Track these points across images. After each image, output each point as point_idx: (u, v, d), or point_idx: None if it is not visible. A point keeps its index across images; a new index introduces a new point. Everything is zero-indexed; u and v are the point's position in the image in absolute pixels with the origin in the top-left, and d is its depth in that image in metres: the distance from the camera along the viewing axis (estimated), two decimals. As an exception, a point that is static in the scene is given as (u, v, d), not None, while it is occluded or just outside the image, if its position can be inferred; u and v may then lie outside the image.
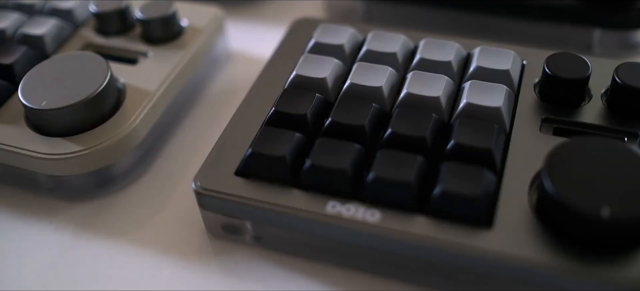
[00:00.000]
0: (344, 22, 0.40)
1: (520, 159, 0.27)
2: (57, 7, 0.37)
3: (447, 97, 0.30)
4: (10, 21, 0.36)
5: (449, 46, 0.32)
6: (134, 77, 0.33)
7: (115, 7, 0.35)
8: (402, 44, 0.32)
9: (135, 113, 0.31)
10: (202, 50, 0.35)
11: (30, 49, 0.34)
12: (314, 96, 0.30)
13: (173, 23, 0.35)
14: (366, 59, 0.32)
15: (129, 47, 0.35)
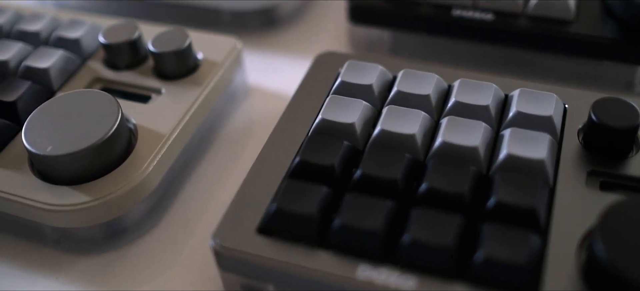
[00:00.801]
0: (369, 53, 0.38)
1: (565, 218, 0.26)
2: (63, 36, 0.35)
3: (485, 146, 0.28)
4: (14, 52, 0.34)
5: (486, 88, 0.30)
6: (147, 117, 0.31)
7: (126, 39, 0.34)
8: (436, 85, 0.31)
9: (148, 159, 0.29)
10: (219, 86, 0.34)
11: (35, 83, 0.33)
12: (342, 144, 0.28)
13: (188, 57, 0.33)
14: (397, 101, 0.30)
15: (141, 82, 0.33)
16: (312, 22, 0.43)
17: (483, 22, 0.36)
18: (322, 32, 0.42)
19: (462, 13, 0.37)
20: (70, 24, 0.36)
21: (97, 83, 0.34)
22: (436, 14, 0.37)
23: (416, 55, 0.39)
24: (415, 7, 0.37)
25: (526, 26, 0.36)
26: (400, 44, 0.39)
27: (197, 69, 0.34)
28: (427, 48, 0.39)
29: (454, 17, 0.37)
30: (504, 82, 0.32)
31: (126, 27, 0.34)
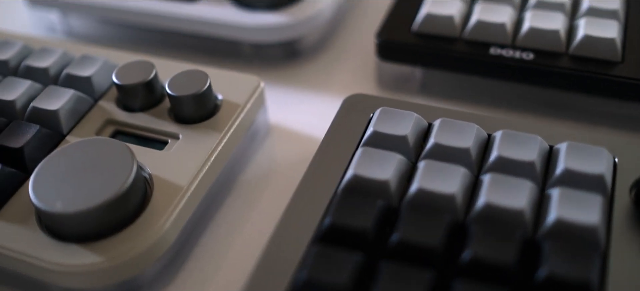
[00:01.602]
0: (399, 95, 0.36)
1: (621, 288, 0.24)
2: (74, 74, 0.33)
3: (531, 207, 0.26)
4: (22, 91, 0.33)
5: (530, 141, 0.28)
6: (163, 166, 0.30)
7: (141, 80, 0.32)
8: (476, 137, 0.29)
9: (164, 215, 0.28)
10: (240, 130, 0.32)
11: (43, 127, 0.31)
12: (376, 204, 0.26)
13: (207, 100, 0.32)
14: (434, 154, 0.29)
15: (157, 125, 0.32)
16: (336, 55, 0.41)
17: (523, 61, 0.34)
18: (347, 66, 0.40)
19: (501, 52, 0.35)
20: (82, 61, 0.34)
21: (109, 126, 0.32)
22: (472, 52, 0.35)
23: (448, 93, 0.37)
24: (449, 44, 0.36)
25: (569, 66, 0.34)
26: (431, 81, 0.37)
27: (217, 111, 0.32)
28: (461, 86, 0.37)
29: (492, 56, 0.35)
30: (547, 130, 0.30)
31: (141, 66, 0.33)
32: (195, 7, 0.40)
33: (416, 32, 0.37)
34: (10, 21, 0.46)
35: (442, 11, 0.36)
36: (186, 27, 0.40)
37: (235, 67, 0.40)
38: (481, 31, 0.35)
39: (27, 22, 0.46)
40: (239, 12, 0.39)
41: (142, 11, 0.40)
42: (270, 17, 0.38)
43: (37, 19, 0.44)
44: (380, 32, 0.37)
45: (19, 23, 0.46)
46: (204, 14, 0.39)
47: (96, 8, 0.41)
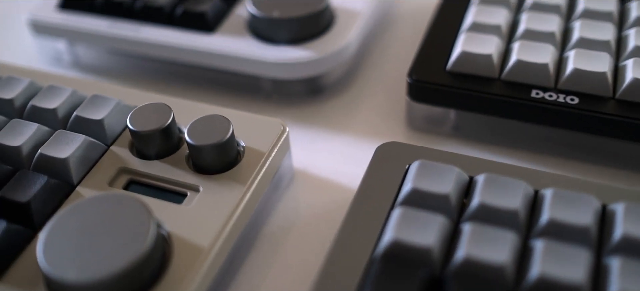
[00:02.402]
0: (429, 132, 0.34)
1: None
2: (85, 117, 0.31)
3: (588, 279, 0.24)
4: (28, 136, 0.30)
5: (584, 202, 0.26)
6: (183, 223, 0.28)
7: (157, 126, 0.30)
8: (523, 196, 0.27)
9: (185, 280, 0.25)
10: (264, 181, 0.30)
11: (52, 178, 0.29)
12: (418, 274, 0.24)
13: (230, 149, 0.29)
14: (480, 216, 0.27)
15: (175, 176, 0.30)
16: (361, 92, 0.39)
17: (567, 106, 0.32)
18: (373, 104, 0.38)
19: (543, 95, 0.33)
20: (93, 102, 0.32)
21: (123, 175, 0.30)
22: (512, 94, 0.33)
23: (484, 137, 0.35)
24: (486, 86, 0.34)
25: (616, 112, 0.32)
26: (466, 122, 0.35)
27: (239, 159, 0.30)
28: (497, 128, 0.35)
29: (533, 100, 0.33)
30: (601, 189, 0.28)
31: (157, 110, 0.31)
32: (212, 39, 0.38)
33: (450, 71, 0.34)
34: (16, 49, 0.44)
35: (479, 49, 0.34)
36: (202, 61, 0.38)
37: (254, 103, 0.38)
38: (521, 72, 0.33)
39: (33, 50, 0.44)
40: (259, 46, 0.37)
41: (156, 43, 0.38)
42: (292, 52, 0.36)
43: (43, 46, 0.42)
44: (413, 71, 0.35)
45: (24, 51, 0.44)
46: (221, 47, 0.37)
47: (106, 38, 0.39)
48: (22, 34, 0.45)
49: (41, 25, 0.41)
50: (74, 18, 0.40)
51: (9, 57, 0.43)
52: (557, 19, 0.36)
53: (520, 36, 0.35)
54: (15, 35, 0.45)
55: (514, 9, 0.38)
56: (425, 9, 0.44)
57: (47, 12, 0.41)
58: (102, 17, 0.40)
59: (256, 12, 0.37)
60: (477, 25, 0.36)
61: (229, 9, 0.40)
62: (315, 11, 0.36)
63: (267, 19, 0.36)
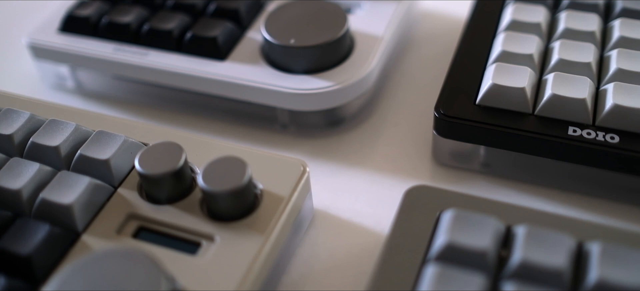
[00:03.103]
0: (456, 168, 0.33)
1: None
2: (90, 156, 0.29)
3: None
4: (28, 177, 0.29)
5: (635, 260, 0.24)
6: (197, 278, 0.26)
7: (169, 168, 0.28)
8: (567, 252, 0.25)
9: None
10: (285, 227, 0.28)
11: (55, 225, 0.27)
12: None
13: (247, 194, 0.27)
14: (522, 273, 0.25)
15: (188, 223, 0.28)
16: (382, 123, 0.37)
17: (606, 145, 0.30)
18: (395, 137, 0.36)
19: (581, 133, 0.31)
20: (98, 139, 0.30)
21: (132, 221, 0.28)
22: (547, 132, 0.31)
23: (515, 174, 0.33)
24: (519, 122, 0.32)
25: (660, 152, 0.30)
26: (496, 159, 0.33)
27: (257, 204, 0.28)
28: (530, 166, 0.33)
29: (570, 137, 0.31)
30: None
31: (168, 150, 0.29)
32: (224, 67, 0.36)
33: (480, 105, 0.33)
34: (17, 72, 0.42)
35: (511, 82, 0.32)
36: (213, 90, 0.36)
37: (269, 135, 0.36)
38: (557, 107, 0.31)
39: (34, 74, 0.42)
40: (274, 75, 0.35)
41: (163, 70, 0.36)
42: (310, 82, 0.34)
43: (44, 69, 0.40)
44: (440, 105, 0.33)
45: (25, 74, 0.42)
46: (233, 75, 0.35)
47: (110, 64, 0.37)
48: (23, 56, 0.43)
49: (41, 49, 0.39)
50: (76, 42, 0.38)
51: (9, 82, 0.41)
52: (592, 47, 0.34)
53: (554, 67, 0.33)
54: (16, 57, 0.43)
55: (545, 35, 0.36)
56: (446, 28, 0.43)
57: (47, 35, 0.39)
58: (106, 40, 0.38)
59: (271, 39, 0.35)
60: (507, 54, 0.34)
61: (242, 34, 0.38)
62: (334, 39, 0.34)
63: (283, 47, 0.34)
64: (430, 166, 0.35)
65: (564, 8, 0.37)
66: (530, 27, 0.36)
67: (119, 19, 0.38)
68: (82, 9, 0.39)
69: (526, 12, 0.37)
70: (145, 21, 0.38)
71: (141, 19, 0.38)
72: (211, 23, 0.37)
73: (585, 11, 0.37)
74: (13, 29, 0.46)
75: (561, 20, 0.36)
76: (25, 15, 0.48)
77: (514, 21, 0.36)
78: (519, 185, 0.33)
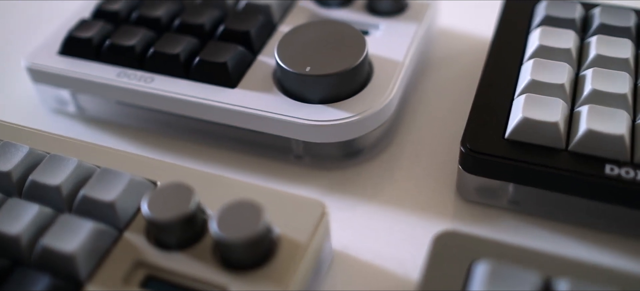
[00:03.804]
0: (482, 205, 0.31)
1: None
2: (94, 198, 0.28)
3: None
4: (27, 221, 0.27)
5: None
6: (211, 337, 0.24)
7: (179, 213, 0.26)
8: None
9: None
10: (303, 276, 0.27)
11: (56, 276, 0.25)
12: None
13: (263, 242, 0.26)
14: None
15: (200, 272, 0.26)
16: (401, 153, 0.35)
17: (646, 185, 0.29)
18: (415, 168, 0.34)
19: (619, 172, 0.29)
20: (102, 178, 0.28)
21: (139, 269, 0.27)
22: (582, 170, 0.29)
23: (546, 212, 0.32)
24: (551, 158, 0.30)
25: None
26: (525, 196, 0.32)
27: (274, 250, 0.27)
28: (563, 204, 0.31)
29: (607, 177, 0.29)
30: None
31: (177, 192, 0.27)
32: (234, 95, 0.34)
33: (510, 139, 0.31)
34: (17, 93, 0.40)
35: (543, 116, 0.30)
36: (222, 119, 0.34)
37: (282, 166, 0.35)
38: (593, 144, 0.30)
39: (35, 95, 0.40)
40: (288, 104, 0.33)
41: (169, 97, 0.34)
42: (326, 112, 0.32)
43: (44, 91, 0.38)
44: (467, 139, 0.31)
45: (25, 96, 0.40)
46: (244, 104, 0.33)
47: (113, 89, 0.35)
48: (23, 78, 0.41)
49: (40, 72, 0.37)
50: (77, 65, 0.36)
51: (9, 104, 0.40)
52: (627, 76, 0.32)
53: (587, 98, 0.32)
54: (16, 79, 0.41)
55: (575, 62, 0.34)
56: (465, 48, 0.41)
57: (46, 58, 0.37)
58: (109, 64, 0.36)
59: (285, 67, 0.33)
60: (536, 83, 0.32)
61: (253, 58, 0.36)
62: (352, 66, 0.33)
63: (298, 75, 0.33)
64: (454, 201, 0.33)
65: (593, 32, 0.36)
66: (560, 53, 0.34)
67: (123, 42, 0.36)
68: (83, 30, 0.37)
69: (554, 36, 0.35)
70: (150, 44, 0.36)
71: (146, 42, 0.36)
72: (220, 47, 0.35)
73: (616, 36, 0.35)
74: (13, 49, 0.45)
75: (592, 46, 0.34)
76: (25, 34, 0.46)
77: (541, 47, 0.34)
78: (549, 223, 0.32)
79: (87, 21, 0.38)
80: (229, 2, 0.39)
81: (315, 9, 0.39)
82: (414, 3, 0.39)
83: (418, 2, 0.39)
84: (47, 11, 0.48)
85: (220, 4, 0.39)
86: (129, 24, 0.38)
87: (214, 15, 0.38)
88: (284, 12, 0.39)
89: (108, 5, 0.39)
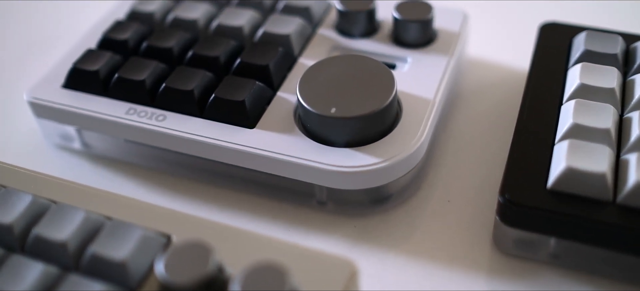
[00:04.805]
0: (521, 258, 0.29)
1: None
2: (103, 256, 0.26)
3: None
4: (30, 284, 0.25)
5: None
6: None
7: (198, 276, 0.24)
8: None
9: None
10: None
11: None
12: None
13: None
14: None
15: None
16: (431, 198, 0.34)
17: None
18: (447, 215, 0.33)
19: (675, 227, 0.27)
20: (112, 233, 0.27)
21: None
22: (630, 225, 0.28)
23: (589, 267, 0.30)
24: (598, 212, 0.28)
25: None
26: (567, 250, 0.30)
27: (299, 317, 0.25)
28: (608, 260, 0.29)
29: (661, 231, 0.27)
30: None
31: (195, 252, 0.25)
32: (253, 136, 0.32)
33: (552, 190, 0.29)
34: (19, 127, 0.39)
35: (589, 166, 0.29)
36: (240, 162, 0.32)
37: (304, 212, 0.33)
38: (644, 196, 0.28)
39: (38, 129, 0.38)
40: (311, 147, 0.32)
41: (182, 137, 0.33)
42: (353, 157, 0.31)
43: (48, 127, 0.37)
44: (506, 189, 0.29)
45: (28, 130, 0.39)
46: (265, 147, 0.32)
47: (121, 127, 0.34)
48: (25, 110, 0.39)
49: (43, 107, 0.35)
50: (82, 101, 0.35)
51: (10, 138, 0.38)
52: (678, 120, 0.31)
53: (636, 145, 0.30)
54: (18, 111, 0.40)
55: (619, 103, 0.32)
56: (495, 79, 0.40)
57: (50, 92, 0.36)
58: (117, 100, 0.35)
59: (309, 107, 0.31)
60: (579, 128, 0.31)
61: (272, 94, 0.34)
62: (381, 108, 0.31)
63: (323, 117, 0.31)
64: (490, 253, 0.31)
65: (638, 69, 0.34)
66: (603, 93, 0.32)
67: (132, 76, 0.34)
68: (89, 62, 0.36)
69: (596, 74, 0.33)
70: (162, 78, 0.35)
71: (157, 76, 0.35)
72: (237, 83, 0.33)
73: (663, 73, 0.33)
74: (15, 78, 0.43)
75: (637, 86, 0.33)
76: (29, 64, 0.44)
77: (583, 86, 0.33)
78: (593, 279, 0.30)
79: (93, 51, 0.37)
80: (245, 32, 0.37)
81: (337, 38, 0.38)
82: (443, 32, 0.38)
83: (447, 31, 0.38)
84: (52, 37, 0.46)
85: (236, 34, 0.37)
86: (139, 55, 0.37)
87: (229, 47, 0.36)
88: (304, 43, 0.37)
89: (116, 34, 0.38)
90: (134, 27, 0.38)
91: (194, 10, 0.39)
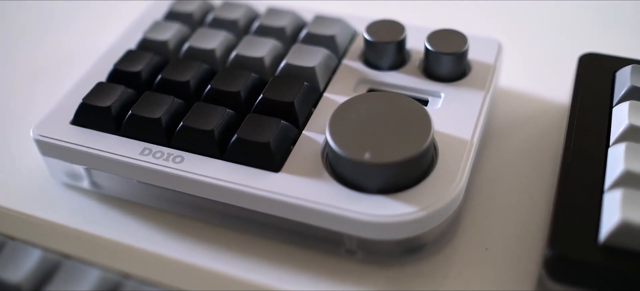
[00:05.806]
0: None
1: None
2: None
3: None
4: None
5: None
6: None
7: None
8: None
9: None
10: None
11: None
12: None
13: None
14: None
15: None
16: (468, 245, 0.32)
17: None
18: (485, 264, 0.31)
19: None
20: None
21: None
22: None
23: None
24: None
25: None
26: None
27: None
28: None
29: None
30: None
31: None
32: (278, 181, 0.31)
33: (605, 245, 0.28)
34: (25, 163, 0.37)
35: (645, 219, 0.27)
36: (264, 208, 0.31)
37: (331, 261, 0.32)
38: None
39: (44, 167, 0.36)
40: (342, 193, 0.30)
41: (200, 181, 0.31)
42: (387, 206, 0.29)
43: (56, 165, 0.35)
44: (555, 241, 0.28)
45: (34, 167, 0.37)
46: (291, 193, 0.30)
47: (135, 169, 0.32)
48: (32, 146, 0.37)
49: (50, 146, 0.33)
50: (92, 139, 0.33)
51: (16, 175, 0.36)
52: None
53: (694, 194, 0.28)
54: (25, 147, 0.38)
55: (672, 145, 0.31)
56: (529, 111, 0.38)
57: (57, 129, 0.34)
58: (130, 138, 0.33)
59: (340, 152, 0.30)
60: (631, 175, 0.29)
61: (298, 134, 0.33)
62: (418, 152, 0.29)
63: (356, 162, 0.29)
64: (534, 309, 0.30)
65: (689, 108, 0.32)
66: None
67: (147, 113, 0.33)
68: (100, 96, 0.34)
69: (645, 113, 0.32)
70: (179, 116, 0.33)
71: (174, 113, 0.33)
72: (261, 122, 0.32)
73: None
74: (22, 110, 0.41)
75: (690, 127, 0.31)
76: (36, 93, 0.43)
77: (632, 127, 0.31)
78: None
79: (104, 84, 0.35)
80: (266, 64, 0.36)
81: (364, 70, 0.36)
82: (476, 64, 0.36)
83: (481, 62, 0.36)
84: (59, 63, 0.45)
85: (256, 66, 0.36)
86: (152, 89, 0.35)
87: (250, 81, 0.34)
88: (330, 76, 0.36)
89: (127, 65, 0.36)
90: (147, 58, 0.36)
91: (210, 40, 0.37)
